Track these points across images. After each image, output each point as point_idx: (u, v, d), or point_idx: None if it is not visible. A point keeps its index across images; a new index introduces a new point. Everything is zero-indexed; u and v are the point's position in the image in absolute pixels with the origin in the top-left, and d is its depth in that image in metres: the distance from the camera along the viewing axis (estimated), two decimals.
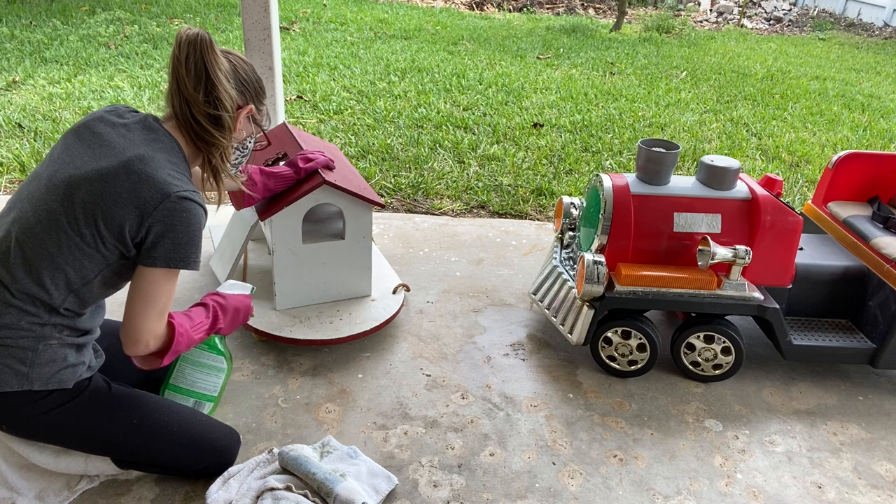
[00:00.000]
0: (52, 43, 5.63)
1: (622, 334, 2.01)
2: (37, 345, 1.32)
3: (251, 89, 1.49)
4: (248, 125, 1.52)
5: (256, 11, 2.49)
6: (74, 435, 1.42)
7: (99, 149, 1.34)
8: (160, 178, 1.31)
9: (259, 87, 1.51)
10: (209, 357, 1.62)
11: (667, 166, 2.04)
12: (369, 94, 4.88)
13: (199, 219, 1.36)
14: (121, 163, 1.31)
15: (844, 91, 6.04)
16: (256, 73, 1.52)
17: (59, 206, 1.30)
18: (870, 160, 2.31)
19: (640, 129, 4.58)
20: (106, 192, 1.29)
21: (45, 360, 1.33)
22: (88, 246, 1.31)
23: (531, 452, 1.76)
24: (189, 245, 1.34)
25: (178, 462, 1.53)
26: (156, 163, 1.33)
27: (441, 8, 9.52)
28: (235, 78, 1.44)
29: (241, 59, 1.48)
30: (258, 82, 1.51)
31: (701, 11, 11.10)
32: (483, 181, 3.50)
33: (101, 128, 1.38)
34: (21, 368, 1.31)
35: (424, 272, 2.60)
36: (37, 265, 1.30)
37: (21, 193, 1.37)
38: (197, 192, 1.37)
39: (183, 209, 1.31)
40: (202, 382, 1.62)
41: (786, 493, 1.68)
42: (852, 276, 2.11)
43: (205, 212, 1.39)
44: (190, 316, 1.49)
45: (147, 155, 1.33)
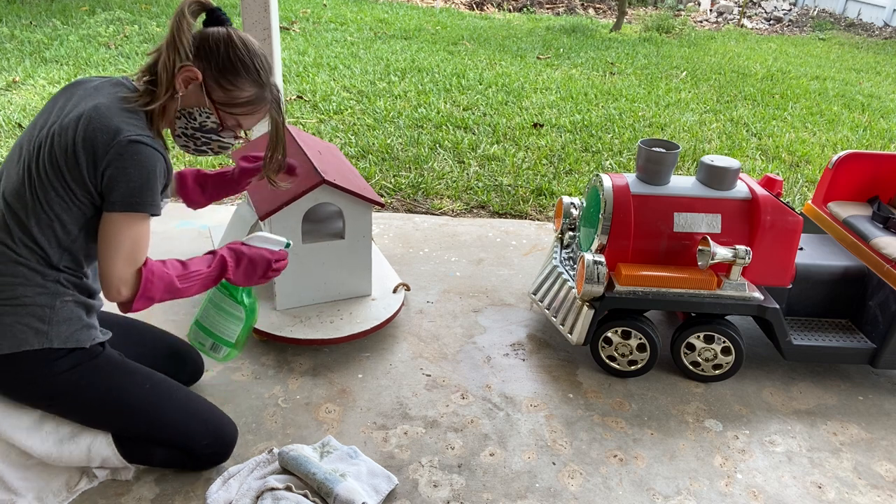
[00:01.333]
0: (52, 43, 5.63)
1: (622, 334, 2.01)
2: (53, 301, 1.38)
3: (211, 59, 1.41)
4: (198, 94, 1.43)
5: (256, 11, 2.49)
6: (89, 398, 1.45)
7: (68, 107, 1.39)
8: (111, 124, 1.32)
9: (229, 63, 1.41)
10: (229, 304, 1.62)
11: (667, 166, 2.04)
12: (369, 94, 4.88)
13: (152, 161, 1.34)
14: (78, 115, 1.34)
15: (844, 91, 6.04)
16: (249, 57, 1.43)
17: (35, 164, 1.35)
18: (870, 160, 2.31)
19: (640, 129, 4.58)
20: (66, 144, 1.33)
21: (63, 318, 1.39)
22: (63, 200, 1.35)
23: (531, 452, 1.76)
24: (143, 188, 1.33)
25: (182, 435, 1.55)
26: (110, 111, 1.35)
27: (441, 8, 9.52)
28: (200, 44, 1.40)
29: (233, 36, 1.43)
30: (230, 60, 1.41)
31: (701, 11, 11.10)
32: (483, 181, 3.50)
33: (75, 90, 1.44)
34: (41, 326, 1.36)
35: (424, 272, 2.60)
36: (27, 224, 1.35)
37: (6, 164, 1.44)
38: (152, 137, 1.36)
39: (134, 151, 1.32)
40: (222, 326, 1.64)
41: (786, 493, 1.68)
42: (852, 276, 2.11)
43: (163, 157, 1.38)
44: (185, 264, 1.47)
45: (102, 104, 1.35)
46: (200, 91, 1.43)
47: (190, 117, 1.47)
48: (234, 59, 1.41)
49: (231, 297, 1.62)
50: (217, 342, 1.64)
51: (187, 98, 1.44)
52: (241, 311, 1.63)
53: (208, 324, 1.64)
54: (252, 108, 1.48)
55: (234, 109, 1.47)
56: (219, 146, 1.54)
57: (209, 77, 1.42)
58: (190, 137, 1.51)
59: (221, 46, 1.41)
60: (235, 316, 1.63)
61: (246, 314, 1.64)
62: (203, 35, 1.42)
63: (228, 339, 1.65)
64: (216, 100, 1.45)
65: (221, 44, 1.41)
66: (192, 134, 1.50)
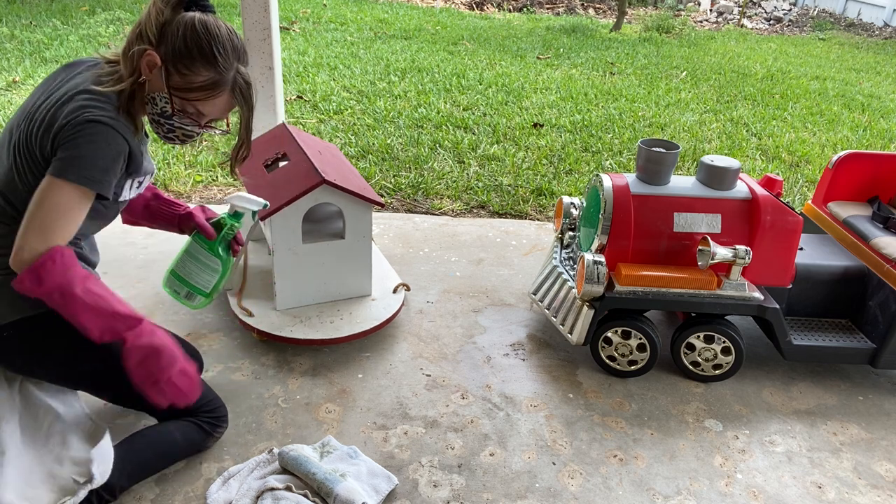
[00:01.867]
0: (52, 43, 5.63)
1: (622, 334, 2.01)
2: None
3: (170, 44, 1.39)
4: (159, 79, 1.41)
5: (256, 11, 2.49)
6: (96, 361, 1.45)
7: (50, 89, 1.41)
8: (77, 104, 1.33)
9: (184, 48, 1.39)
10: (207, 257, 1.67)
11: (667, 166, 2.04)
12: (369, 94, 4.88)
13: (106, 139, 1.32)
14: (56, 98, 1.37)
15: (844, 91, 6.04)
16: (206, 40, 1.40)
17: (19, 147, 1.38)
18: (870, 160, 2.31)
19: (640, 129, 4.58)
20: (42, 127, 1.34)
21: None
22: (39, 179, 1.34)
23: (531, 452, 1.76)
24: (88, 161, 1.30)
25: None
26: (78, 93, 1.35)
27: (441, 8, 9.52)
28: (164, 28, 1.39)
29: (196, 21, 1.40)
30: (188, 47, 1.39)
31: (701, 11, 11.10)
32: (483, 181, 3.50)
33: (60, 73, 1.46)
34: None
35: (424, 272, 2.60)
36: (17, 206, 1.37)
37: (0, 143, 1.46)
38: (115, 119, 1.35)
39: (91, 129, 1.31)
40: (198, 276, 1.67)
41: (786, 493, 1.68)
42: (852, 276, 2.11)
43: (125, 139, 1.36)
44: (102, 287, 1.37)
45: (76, 86, 1.37)
46: (161, 76, 1.41)
47: (153, 103, 1.45)
48: (191, 44, 1.39)
49: (209, 250, 1.67)
50: (192, 291, 1.68)
51: (153, 83, 1.43)
52: (217, 263, 1.68)
53: (185, 274, 1.67)
54: (208, 93, 1.43)
55: (190, 94, 1.43)
56: (182, 133, 1.50)
57: (168, 62, 1.40)
58: (157, 123, 1.48)
59: (180, 30, 1.39)
60: (212, 268, 1.68)
61: (222, 265, 1.69)
62: (172, 21, 1.40)
63: (203, 288, 1.69)
64: (173, 85, 1.42)
65: (181, 27, 1.39)
66: (157, 120, 1.47)
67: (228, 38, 1.43)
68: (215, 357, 2.03)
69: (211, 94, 1.43)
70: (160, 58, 1.39)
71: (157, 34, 1.39)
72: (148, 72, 1.40)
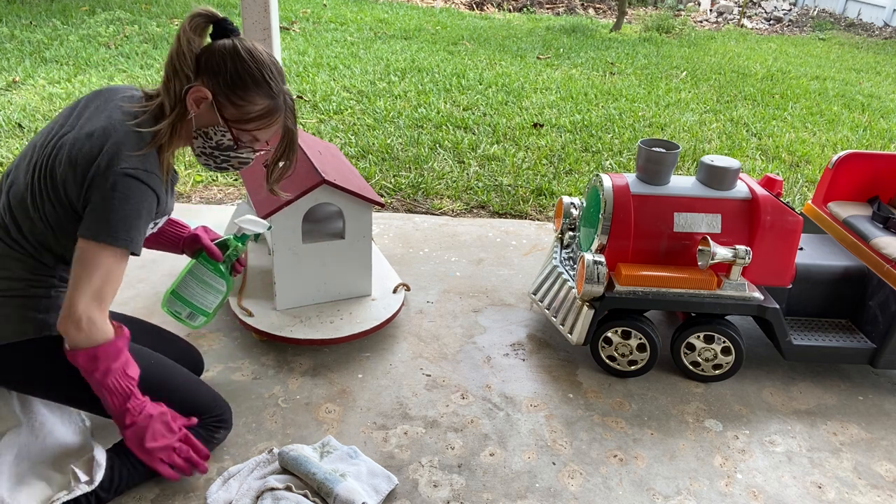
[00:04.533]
0: (52, 43, 5.63)
1: (622, 334, 2.01)
2: (49, 292, 1.41)
3: (219, 76, 1.37)
4: (210, 113, 1.40)
5: (256, 11, 2.49)
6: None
7: (83, 120, 1.38)
8: (113, 150, 1.30)
9: (237, 78, 1.37)
10: (212, 278, 1.67)
11: (667, 166, 2.04)
12: (369, 94, 4.88)
13: (139, 197, 1.31)
14: (89, 131, 1.33)
15: (844, 91, 6.04)
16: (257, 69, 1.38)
17: (39, 173, 1.35)
18: (870, 160, 2.31)
19: (640, 129, 4.58)
20: (69, 160, 1.31)
21: (59, 306, 1.37)
22: (57, 213, 1.35)
23: (531, 452, 1.76)
24: (122, 222, 1.29)
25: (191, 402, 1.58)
26: (117, 132, 1.32)
27: (441, 8, 9.52)
28: (206, 61, 1.37)
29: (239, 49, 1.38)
30: (238, 74, 1.36)
31: (701, 11, 11.09)
32: (483, 181, 3.50)
33: (95, 103, 1.42)
34: (38, 316, 1.39)
35: (424, 272, 2.60)
36: (23, 230, 1.37)
37: (17, 161, 1.44)
38: (149, 173, 1.33)
39: (123, 185, 1.29)
40: (201, 298, 1.68)
41: (786, 493, 1.68)
42: (852, 276, 2.11)
43: (155, 194, 1.35)
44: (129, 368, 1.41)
45: (113, 123, 1.34)
46: (212, 109, 1.40)
47: (206, 137, 1.44)
48: (243, 73, 1.37)
49: (215, 271, 1.67)
50: (195, 311, 1.69)
51: (201, 117, 1.41)
52: (223, 284, 1.69)
53: (188, 295, 1.67)
54: (266, 121, 1.44)
55: (248, 125, 1.43)
56: (238, 162, 1.51)
57: (219, 94, 1.38)
58: (209, 156, 1.49)
59: (228, 61, 1.36)
60: (217, 289, 1.69)
61: (227, 287, 1.71)
62: (209, 50, 1.38)
63: (206, 309, 1.70)
64: (228, 117, 1.41)
65: (228, 58, 1.36)
66: (211, 153, 1.47)
67: (272, 61, 1.42)
68: (215, 357, 2.03)
69: (269, 121, 1.44)
70: (210, 91, 1.37)
71: (196, 66, 1.37)
72: (196, 107, 1.39)
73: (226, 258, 1.69)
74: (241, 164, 1.52)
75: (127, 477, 1.52)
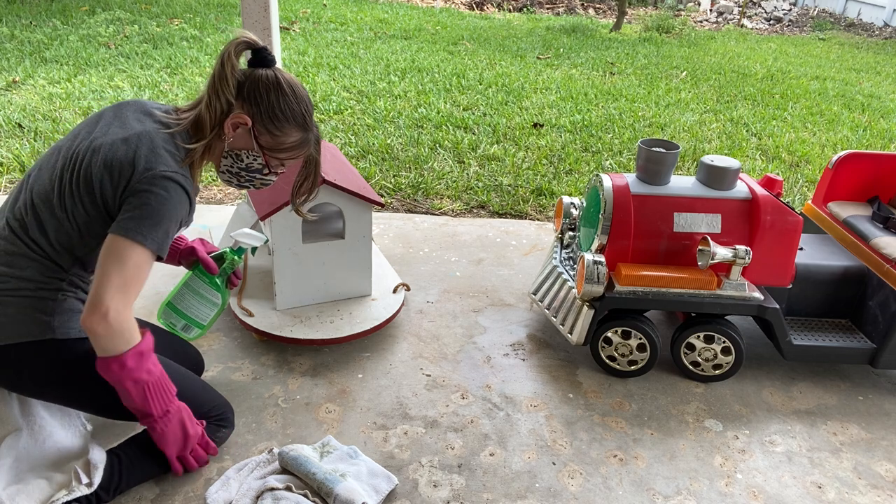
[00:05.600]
0: (52, 43, 5.63)
1: (622, 334, 2.01)
2: (55, 294, 1.40)
3: (261, 105, 1.44)
4: (246, 138, 1.47)
5: (256, 11, 2.49)
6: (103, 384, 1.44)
7: (114, 127, 1.41)
8: (152, 156, 1.35)
9: (279, 111, 1.45)
10: (208, 290, 1.68)
11: (667, 166, 2.04)
12: (369, 94, 4.88)
13: (174, 199, 1.35)
14: (125, 136, 1.37)
15: (844, 91, 6.04)
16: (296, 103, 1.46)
17: (69, 174, 1.37)
18: (870, 160, 2.31)
19: (640, 129, 4.58)
20: (105, 164, 1.34)
21: (65, 309, 1.41)
22: (88, 214, 1.37)
23: (531, 452, 1.76)
24: (157, 224, 1.33)
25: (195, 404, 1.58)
26: (155, 141, 1.38)
27: (441, 8, 9.52)
28: (249, 88, 1.43)
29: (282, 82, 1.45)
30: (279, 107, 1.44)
31: (701, 11, 11.10)
32: (483, 181, 3.50)
33: (125, 111, 1.46)
34: (43, 318, 1.39)
35: (424, 272, 2.60)
36: (47, 228, 1.38)
37: (41, 163, 1.45)
38: (186, 177, 1.39)
39: (163, 187, 1.34)
40: (196, 310, 1.69)
41: (786, 493, 1.68)
42: (852, 276, 2.11)
43: (189, 201, 1.41)
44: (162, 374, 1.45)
45: (151, 131, 1.39)
46: (249, 136, 1.47)
47: (237, 158, 1.51)
48: (284, 107, 1.45)
49: (210, 284, 1.68)
50: (189, 323, 1.70)
51: (236, 141, 1.48)
52: (218, 297, 1.70)
53: (183, 307, 1.68)
54: (297, 151, 1.53)
55: (281, 154, 1.51)
56: (261, 183, 1.59)
57: (258, 122, 1.45)
58: (234, 175, 1.55)
59: (272, 94, 1.44)
60: (212, 301, 1.70)
61: (222, 300, 1.72)
62: (252, 78, 1.44)
63: (201, 321, 1.71)
64: (263, 144, 1.48)
65: (272, 91, 1.44)
66: (238, 173, 1.54)
67: (306, 97, 1.50)
68: (215, 357, 2.03)
69: (299, 152, 1.54)
70: (249, 118, 1.44)
71: (236, 92, 1.43)
72: (232, 131, 1.46)
73: (222, 271, 1.70)
74: (262, 185, 1.60)
75: (127, 477, 1.52)
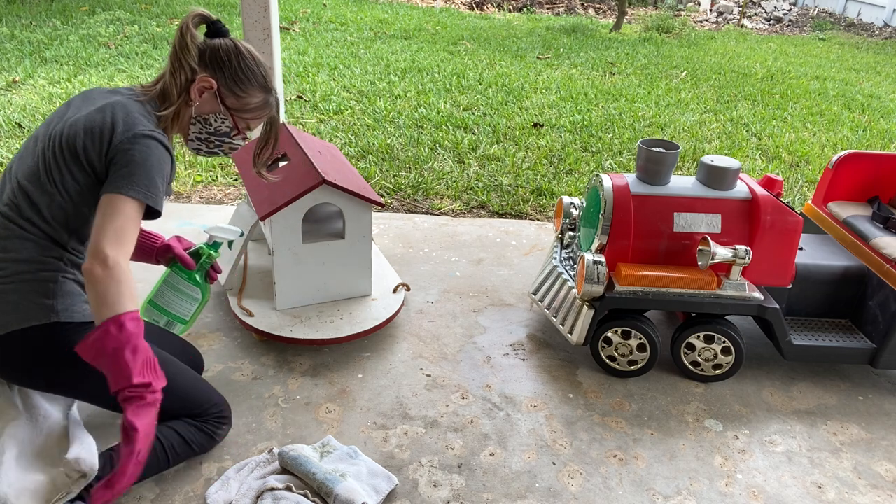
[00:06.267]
0: (52, 43, 5.63)
1: (622, 334, 2.01)
2: (56, 276, 1.42)
3: (224, 69, 1.53)
4: (212, 101, 1.55)
5: (256, 11, 2.49)
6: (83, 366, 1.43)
7: (86, 104, 1.48)
8: (130, 119, 1.41)
9: (241, 73, 1.54)
10: (187, 286, 1.69)
11: (667, 166, 2.04)
12: (369, 94, 4.88)
13: (157, 153, 1.40)
14: (101, 106, 1.44)
15: (844, 91, 6.04)
16: (256, 66, 1.56)
17: (51, 149, 1.41)
18: (870, 160, 2.31)
19: (640, 129, 4.58)
20: (85, 130, 1.40)
21: (66, 292, 1.43)
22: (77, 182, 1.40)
23: (531, 452, 1.76)
24: (146, 177, 1.37)
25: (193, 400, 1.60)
26: (128, 108, 1.44)
27: (441, 8, 9.52)
28: (211, 55, 1.52)
29: (241, 48, 1.55)
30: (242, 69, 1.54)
31: (701, 11, 11.09)
32: (483, 181, 3.50)
33: (92, 94, 1.53)
34: (45, 301, 1.40)
35: (424, 272, 2.60)
36: (39, 204, 1.41)
37: (20, 153, 1.50)
38: (162, 133, 1.45)
39: (144, 144, 1.39)
40: (177, 306, 1.70)
41: (786, 493, 1.68)
42: (852, 276, 2.11)
43: (171, 157, 1.46)
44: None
45: (122, 101, 1.46)
46: (215, 99, 1.56)
47: (206, 122, 1.59)
48: (246, 69, 1.55)
49: (189, 279, 1.70)
50: (172, 320, 1.70)
51: (202, 105, 1.56)
52: (197, 292, 1.71)
53: (163, 303, 1.69)
54: (261, 111, 1.62)
55: (246, 114, 1.60)
56: (229, 147, 1.67)
57: (223, 85, 1.54)
58: (203, 141, 1.63)
59: (233, 58, 1.53)
60: (192, 297, 1.71)
61: (202, 294, 1.72)
62: (212, 46, 1.53)
63: (183, 317, 1.71)
64: (230, 106, 1.57)
65: (232, 55, 1.53)
66: (207, 138, 1.62)
67: (263, 62, 1.60)
68: (215, 357, 2.03)
69: (263, 112, 1.63)
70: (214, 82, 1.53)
71: (198, 59, 1.52)
72: (198, 96, 1.54)
73: (199, 266, 1.71)
74: (231, 149, 1.68)
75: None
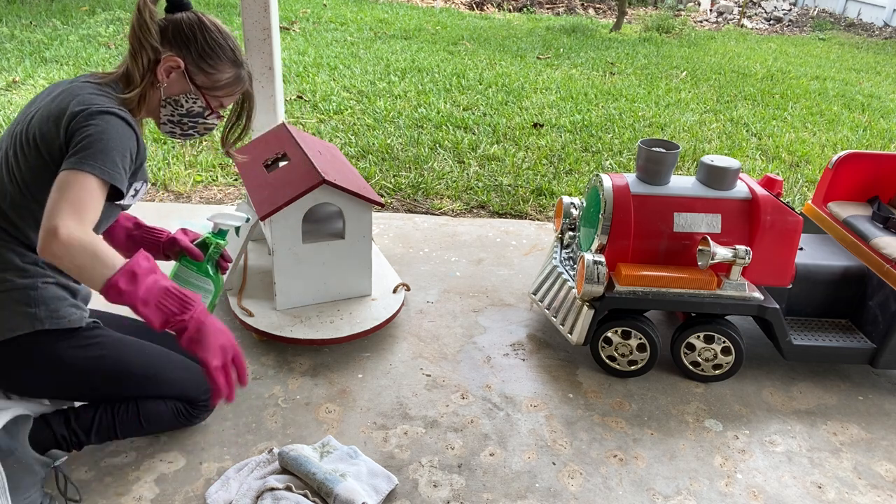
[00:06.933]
0: (52, 43, 5.63)
1: (622, 334, 2.01)
2: (36, 282, 1.38)
3: (190, 46, 1.44)
4: (181, 81, 1.46)
5: (256, 11, 2.49)
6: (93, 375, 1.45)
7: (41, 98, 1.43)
8: (86, 98, 1.34)
9: (207, 48, 1.45)
10: (198, 278, 1.67)
11: (667, 166, 2.04)
12: (369, 94, 4.88)
13: (119, 131, 1.31)
14: (53, 96, 1.38)
15: (844, 91, 6.04)
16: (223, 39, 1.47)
17: (12, 149, 1.37)
18: (870, 160, 2.31)
19: (640, 129, 4.58)
20: (41, 121, 1.35)
21: (49, 297, 1.39)
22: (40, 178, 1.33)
23: (531, 452, 1.76)
24: (103, 152, 1.27)
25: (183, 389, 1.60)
26: (84, 89, 1.38)
27: (441, 8, 9.52)
28: (174, 31, 1.43)
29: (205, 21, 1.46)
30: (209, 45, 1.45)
31: (701, 11, 11.10)
32: (483, 181, 3.50)
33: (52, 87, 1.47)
34: (28, 310, 1.37)
35: (424, 272, 2.60)
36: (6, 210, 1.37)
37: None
38: (124, 110, 1.36)
39: (101, 119, 1.31)
40: None
41: (786, 493, 1.68)
42: (852, 276, 2.11)
43: (135, 134, 1.37)
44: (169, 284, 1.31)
45: (78, 85, 1.40)
46: (183, 78, 1.47)
47: (176, 104, 1.50)
48: (213, 44, 1.46)
49: (198, 271, 1.67)
50: None
51: (171, 86, 1.47)
52: (209, 283, 1.68)
53: None
54: (233, 87, 1.53)
55: (217, 91, 1.52)
56: (204, 128, 1.58)
57: (190, 63, 1.46)
58: (176, 124, 1.54)
59: (197, 33, 1.44)
60: (204, 289, 1.68)
61: (215, 285, 1.70)
62: (174, 22, 1.44)
63: None
64: (200, 84, 1.49)
65: (196, 30, 1.44)
66: (179, 120, 1.53)
67: (231, 35, 1.52)
68: None
69: (235, 87, 1.54)
70: (181, 60, 1.44)
71: (160, 38, 1.42)
72: (165, 76, 1.45)
73: (208, 257, 1.68)
74: (206, 129, 1.59)
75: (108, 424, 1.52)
